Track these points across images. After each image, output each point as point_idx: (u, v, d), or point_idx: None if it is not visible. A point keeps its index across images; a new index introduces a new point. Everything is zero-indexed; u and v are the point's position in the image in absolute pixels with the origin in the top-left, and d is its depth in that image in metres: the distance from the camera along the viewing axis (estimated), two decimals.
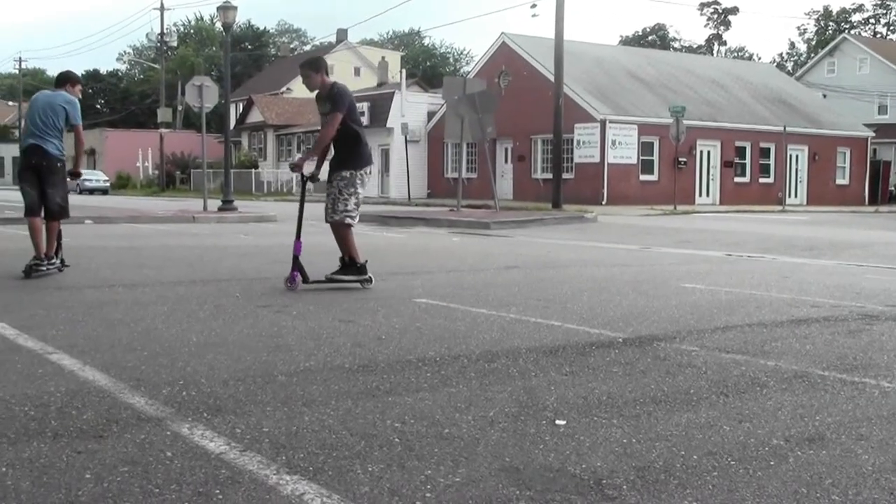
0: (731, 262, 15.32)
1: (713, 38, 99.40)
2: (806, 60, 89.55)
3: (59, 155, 11.56)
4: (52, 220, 11.62)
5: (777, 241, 20.55)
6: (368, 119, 55.07)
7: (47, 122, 11.51)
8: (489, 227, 24.22)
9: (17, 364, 6.13)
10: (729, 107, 51.42)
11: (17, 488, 3.79)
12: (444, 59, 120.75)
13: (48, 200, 11.53)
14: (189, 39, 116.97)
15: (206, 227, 24.76)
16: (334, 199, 10.75)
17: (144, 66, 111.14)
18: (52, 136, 11.50)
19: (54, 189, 11.56)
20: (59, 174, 11.69)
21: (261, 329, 7.63)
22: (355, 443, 4.44)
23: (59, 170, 11.65)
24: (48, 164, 11.53)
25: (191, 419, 4.79)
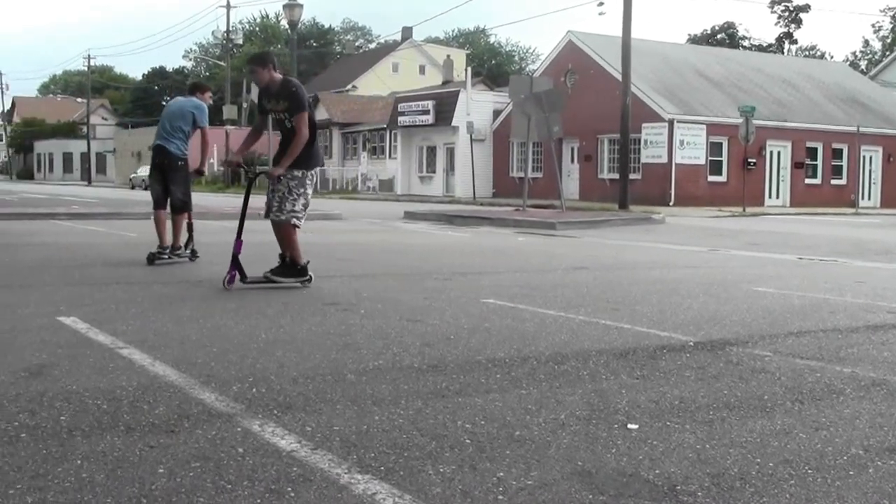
0: (803, 266, 15.11)
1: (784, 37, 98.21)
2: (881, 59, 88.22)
3: (180, 154, 12.77)
4: (175, 214, 12.89)
5: (850, 245, 20.24)
6: (434, 118, 55.12)
7: (174, 125, 12.80)
8: (555, 228, 24.12)
9: (90, 358, 6.19)
10: (800, 106, 50.78)
11: (93, 481, 3.81)
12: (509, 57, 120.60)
13: (171, 195, 12.82)
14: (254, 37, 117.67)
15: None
16: (282, 198, 10.25)
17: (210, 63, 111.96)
18: (176, 137, 12.75)
19: (176, 185, 12.81)
20: (181, 172, 12.88)
21: (329, 327, 7.64)
22: (426, 443, 4.42)
23: (180, 168, 12.84)
24: (170, 163, 12.81)
25: (261, 416, 4.80)
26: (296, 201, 10.26)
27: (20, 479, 3.82)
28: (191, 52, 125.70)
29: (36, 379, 5.55)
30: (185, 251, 13.07)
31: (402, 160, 59.52)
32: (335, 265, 12.98)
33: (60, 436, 4.42)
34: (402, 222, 27.31)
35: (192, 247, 13.14)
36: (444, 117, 54.73)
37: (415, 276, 11.91)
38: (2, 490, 3.70)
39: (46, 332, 7.20)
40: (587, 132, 46.97)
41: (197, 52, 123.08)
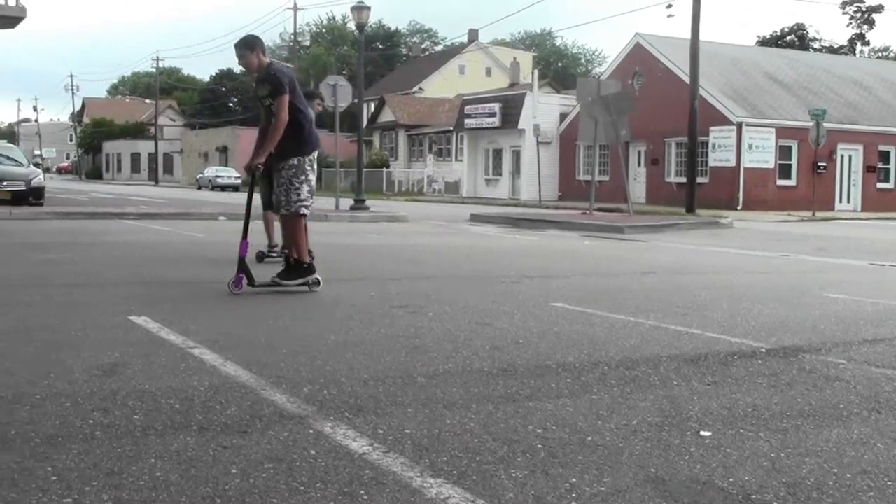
0: (876, 272, 14.91)
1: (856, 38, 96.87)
2: None
3: None
4: None
5: None
6: (500, 120, 55.08)
7: None
8: (622, 231, 24.00)
9: (161, 357, 6.24)
10: (872, 109, 50.06)
11: (167, 480, 3.84)
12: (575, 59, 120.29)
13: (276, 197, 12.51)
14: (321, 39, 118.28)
15: (339, 225, 24.96)
16: (287, 190, 10.02)
17: None
18: None
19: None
20: None
21: (398, 329, 7.64)
22: (498, 447, 4.40)
23: None
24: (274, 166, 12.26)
25: (333, 418, 4.81)
26: (299, 190, 10.01)
27: (96, 476, 3.86)
28: None
29: (109, 377, 5.61)
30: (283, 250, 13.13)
31: (468, 162, 59.55)
32: (402, 267, 13.02)
33: (134, 434, 4.46)
34: (468, 225, 27.33)
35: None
36: (511, 120, 54.68)
37: (482, 279, 11.90)
38: (78, 487, 3.74)
39: (118, 330, 7.28)
40: (654, 135, 46.71)
41: None
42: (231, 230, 20.53)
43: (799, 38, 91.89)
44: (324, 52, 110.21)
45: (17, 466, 3.97)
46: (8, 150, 33.31)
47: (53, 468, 3.95)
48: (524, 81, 73.09)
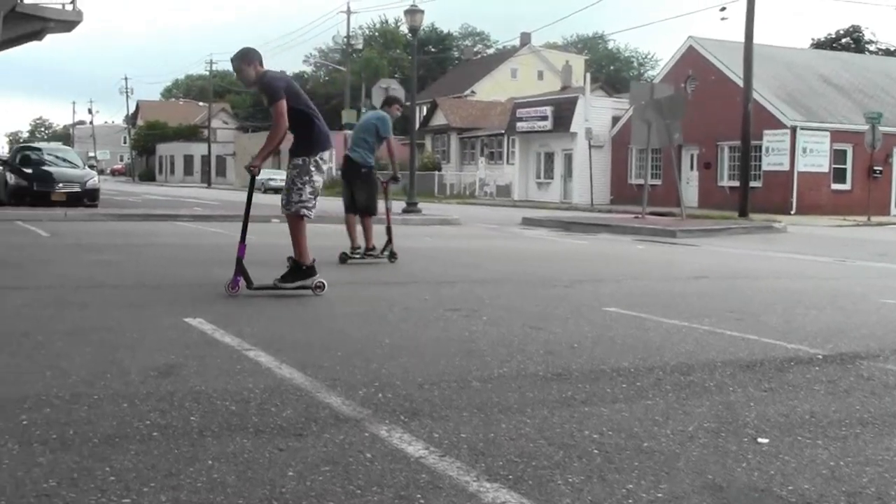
0: None
1: None
2: None
3: (362, 163, 13.79)
4: (363, 217, 13.91)
5: None
6: (552, 123, 54.96)
7: (359, 136, 14.00)
8: (675, 236, 23.87)
9: (217, 359, 6.28)
10: None
11: (224, 482, 3.86)
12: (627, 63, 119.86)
13: (356, 200, 13.81)
14: (374, 42, 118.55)
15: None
16: (289, 190, 10.09)
17: (330, 68, 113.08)
18: (360, 147, 13.85)
19: (360, 190, 13.85)
20: (364, 178, 13.89)
21: (452, 333, 7.64)
22: (553, 452, 4.38)
23: (363, 175, 13.86)
24: (354, 170, 13.94)
25: (388, 422, 4.81)
26: (301, 191, 10.01)
27: (154, 477, 3.89)
28: (311, 57, 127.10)
29: (166, 378, 5.64)
30: (382, 252, 13.93)
31: (520, 166, 59.47)
32: (455, 271, 13.02)
33: (191, 436, 4.49)
34: (520, 228, 27.29)
35: (391, 248, 13.92)
36: (563, 123, 54.54)
37: (535, 282, 11.87)
38: (136, 488, 3.76)
39: (174, 332, 7.33)
40: (707, 139, 46.39)
41: (317, 57, 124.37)
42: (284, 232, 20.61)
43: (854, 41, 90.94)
44: (376, 56, 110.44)
45: (76, 466, 4.00)
46: (63, 153, 33.71)
47: (112, 468, 3.99)
48: (576, 85, 72.85)
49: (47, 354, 6.35)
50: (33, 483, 3.79)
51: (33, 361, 6.11)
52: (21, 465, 4.00)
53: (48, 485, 3.78)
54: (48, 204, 26.43)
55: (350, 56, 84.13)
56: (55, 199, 26.97)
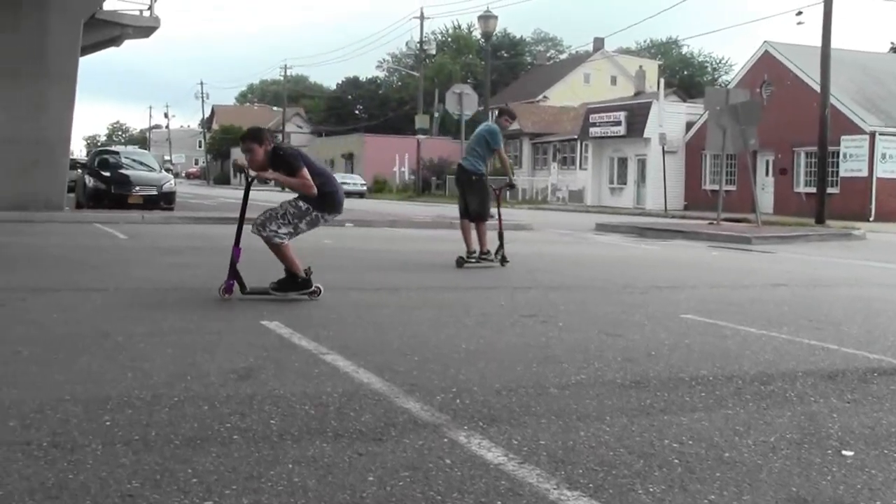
0: None
1: None
2: None
3: (473, 170, 14.36)
4: (476, 222, 14.38)
5: None
6: (625, 129, 54.73)
7: (471, 145, 14.71)
8: (750, 242, 23.60)
9: (294, 363, 6.32)
10: None
11: (305, 486, 3.88)
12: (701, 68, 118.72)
13: (469, 206, 14.33)
14: (446, 47, 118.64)
15: None
16: (272, 216, 9.82)
17: (402, 73, 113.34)
18: (472, 156, 14.50)
19: (471, 197, 14.38)
20: (475, 185, 14.41)
21: (528, 339, 7.61)
22: (634, 461, 4.35)
23: (474, 182, 14.40)
24: (465, 178, 14.55)
25: (467, 427, 4.80)
26: (284, 226, 9.81)
27: (235, 480, 3.91)
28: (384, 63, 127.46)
29: (244, 382, 5.68)
30: (495, 257, 14.36)
31: (593, 171, 59.27)
32: (530, 276, 12.99)
33: (271, 439, 4.51)
34: (594, 234, 27.16)
35: (502, 253, 14.35)
36: (636, 128, 54.29)
37: (610, 288, 11.81)
38: (218, 490, 3.79)
39: (251, 335, 7.38)
40: (783, 145, 45.88)
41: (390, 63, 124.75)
42: (359, 236, 20.75)
43: None
44: (449, 61, 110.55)
45: (158, 467, 4.04)
46: (141, 156, 34.13)
47: (193, 470, 4.02)
48: (650, 90, 72.36)
49: (128, 356, 6.43)
50: (117, 483, 3.84)
51: (114, 362, 6.19)
52: (105, 466, 4.05)
53: (131, 485, 3.83)
54: (125, 207, 26.75)
55: (423, 61, 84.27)
56: (132, 202, 27.29)
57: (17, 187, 25.91)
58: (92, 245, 16.46)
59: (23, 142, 25.87)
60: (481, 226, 14.42)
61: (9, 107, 25.96)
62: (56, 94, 26.56)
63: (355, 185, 72.39)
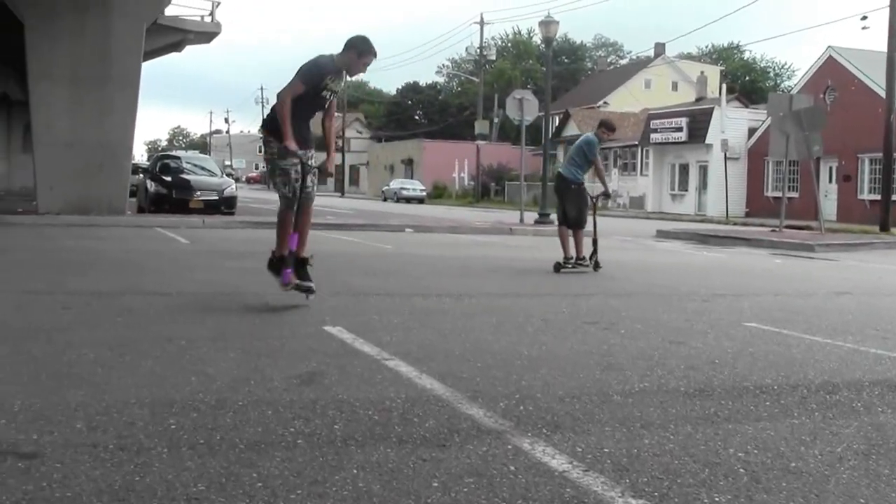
0: None
1: None
2: None
3: (571, 179, 14.90)
4: (573, 229, 14.77)
5: None
6: (687, 135, 54.44)
7: (570, 155, 15.33)
8: (813, 250, 23.38)
9: (357, 368, 6.33)
10: None
11: (370, 491, 3.88)
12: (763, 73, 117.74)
13: (567, 214, 14.84)
14: (506, 53, 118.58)
15: (523, 239, 25.01)
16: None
17: (462, 78, 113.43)
18: (571, 165, 15.03)
19: (570, 205, 14.90)
20: (573, 193, 14.93)
21: (590, 346, 7.58)
22: (699, 470, 4.32)
23: (571, 190, 14.92)
24: (564, 186, 15.03)
25: (531, 434, 4.79)
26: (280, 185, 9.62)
27: (300, 484, 3.93)
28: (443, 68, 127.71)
29: (308, 386, 5.71)
30: (589, 262, 14.64)
31: (654, 177, 59.02)
32: (591, 282, 12.95)
33: (335, 444, 4.52)
34: (654, 240, 27.04)
35: (595, 259, 14.66)
36: (698, 134, 54.00)
37: (672, 296, 11.73)
38: (283, 494, 3.81)
39: (314, 340, 7.41)
40: (846, 151, 45.41)
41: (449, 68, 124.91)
42: (419, 242, 20.78)
43: None
44: (509, 66, 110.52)
45: (224, 471, 4.07)
46: (202, 161, 34.41)
47: (259, 474, 4.04)
48: (711, 96, 71.92)
49: (192, 359, 6.48)
50: (183, 486, 3.87)
51: (178, 366, 6.23)
52: (171, 469, 4.08)
53: (197, 488, 3.85)
54: (186, 211, 26.95)
55: (483, 67, 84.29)
56: (193, 207, 27.49)
57: (81, 191, 26.26)
58: (154, 249, 16.62)
59: (87, 146, 26.20)
60: (578, 233, 14.81)
61: (74, 111, 26.31)
62: (119, 99, 26.87)
63: (415, 191, 72.61)
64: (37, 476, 3.94)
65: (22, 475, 3.95)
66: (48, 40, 26.23)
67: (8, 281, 11.16)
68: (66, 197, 26.25)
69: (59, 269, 12.83)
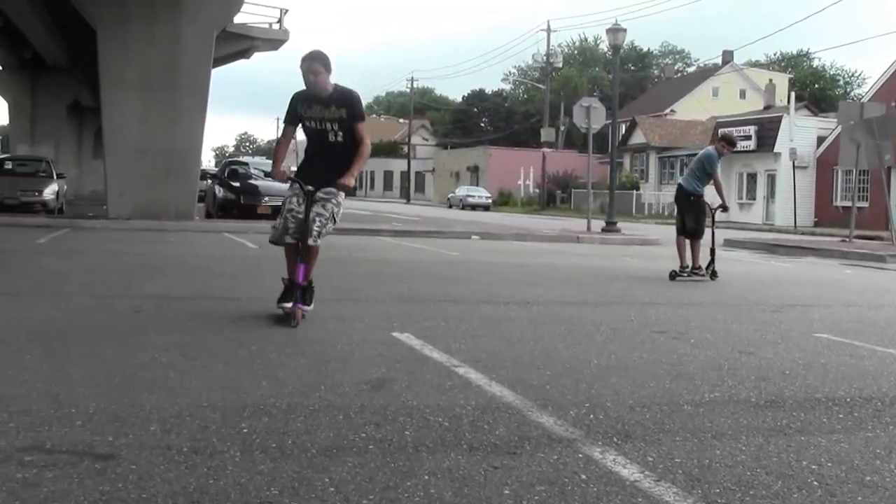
0: None
1: None
2: None
3: (691, 191, 15.37)
4: (691, 239, 15.28)
5: None
6: (755, 143, 53.98)
7: (690, 167, 15.90)
8: (884, 260, 23.05)
9: (427, 374, 6.35)
10: None
11: (441, 498, 3.89)
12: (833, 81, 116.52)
13: (686, 224, 15.32)
14: (573, 60, 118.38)
15: (590, 247, 24.93)
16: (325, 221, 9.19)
17: (528, 85, 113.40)
18: (691, 177, 15.51)
19: (689, 215, 15.38)
20: (693, 205, 15.38)
21: (660, 355, 7.55)
22: (772, 482, 4.28)
23: (690, 202, 15.40)
24: (684, 197, 15.52)
25: (601, 443, 4.78)
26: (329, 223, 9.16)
27: (372, 489, 3.94)
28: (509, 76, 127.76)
29: (378, 392, 5.73)
30: (705, 272, 15.12)
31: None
32: (658, 291, 12.88)
33: (406, 450, 4.54)
34: (722, 249, 26.77)
35: (712, 268, 15.22)
36: (766, 143, 53.54)
37: (741, 305, 11.63)
38: (355, 499, 3.83)
39: (383, 346, 7.44)
40: None
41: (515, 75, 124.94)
42: (485, 249, 20.79)
43: None
44: (575, 74, 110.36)
45: (296, 476, 4.09)
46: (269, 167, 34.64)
47: (331, 479, 4.06)
48: (780, 104, 71.28)
49: (262, 364, 6.53)
50: (256, 490, 3.89)
51: (249, 371, 6.29)
52: (244, 472, 4.11)
53: (270, 492, 3.88)
54: (254, 217, 27.10)
55: (549, 74, 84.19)
56: (261, 212, 27.61)
57: (150, 196, 26.58)
58: (223, 254, 16.79)
59: (156, 152, 26.51)
60: (696, 243, 15.25)
61: (144, 118, 26.63)
62: (189, 105, 27.16)
63: (480, 198, 72.63)
64: (113, 477, 3.99)
65: (98, 476, 4.00)
66: (120, 48, 26.59)
67: (81, 284, 11.34)
68: (135, 202, 26.57)
69: (130, 272, 13.00)
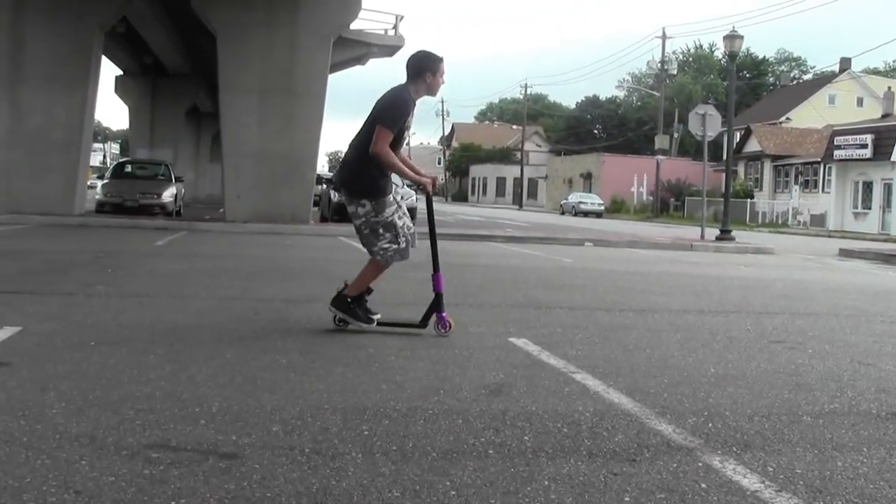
0: None
1: None
2: None
3: None
4: None
5: None
6: (871, 152, 53.03)
7: None
8: None
9: (544, 380, 6.39)
10: None
11: (561, 503, 3.91)
12: None
13: None
14: (687, 67, 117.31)
15: (704, 255, 24.70)
16: None
17: (642, 92, 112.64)
18: None
19: None
20: None
21: (777, 365, 7.48)
22: (894, 495, 4.24)
23: None
24: None
25: (720, 452, 4.77)
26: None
27: (492, 494, 3.99)
28: (623, 82, 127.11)
29: (496, 397, 5.79)
30: None
31: (836, 195, 57.62)
32: (776, 301, 12.74)
33: (526, 455, 4.58)
34: (837, 259, 26.43)
35: None
36: (884, 151, 52.55)
37: (859, 316, 11.45)
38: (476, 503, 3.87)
39: (500, 351, 7.49)
40: None
41: (629, 82, 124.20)
42: (599, 256, 20.74)
43: None
44: (689, 81, 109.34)
45: (417, 479, 4.15)
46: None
47: (452, 483, 4.12)
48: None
49: (380, 367, 6.63)
50: (378, 492, 3.96)
51: (368, 374, 6.39)
52: (365, 474, 4.18)
53: (392, 495, 3.94)
54: None
55: (664, 81, 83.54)
56: None
57: (266, 200, 27.03)
58: (338, 258, 16.95)
59: (273, 157, 26.94)
60: None
61: (261, 123, 27.09)
62: (305, 111, 27.55)
63: (593, 205, 72.47)
64: (237, 476, 4.09)
65: (223, 474, 4.10)
66: (239, 53, 27.09)
67: (201, 286, 11.57)
68: (252, 206, 27.04)
69: (248, 275, 13.23)
